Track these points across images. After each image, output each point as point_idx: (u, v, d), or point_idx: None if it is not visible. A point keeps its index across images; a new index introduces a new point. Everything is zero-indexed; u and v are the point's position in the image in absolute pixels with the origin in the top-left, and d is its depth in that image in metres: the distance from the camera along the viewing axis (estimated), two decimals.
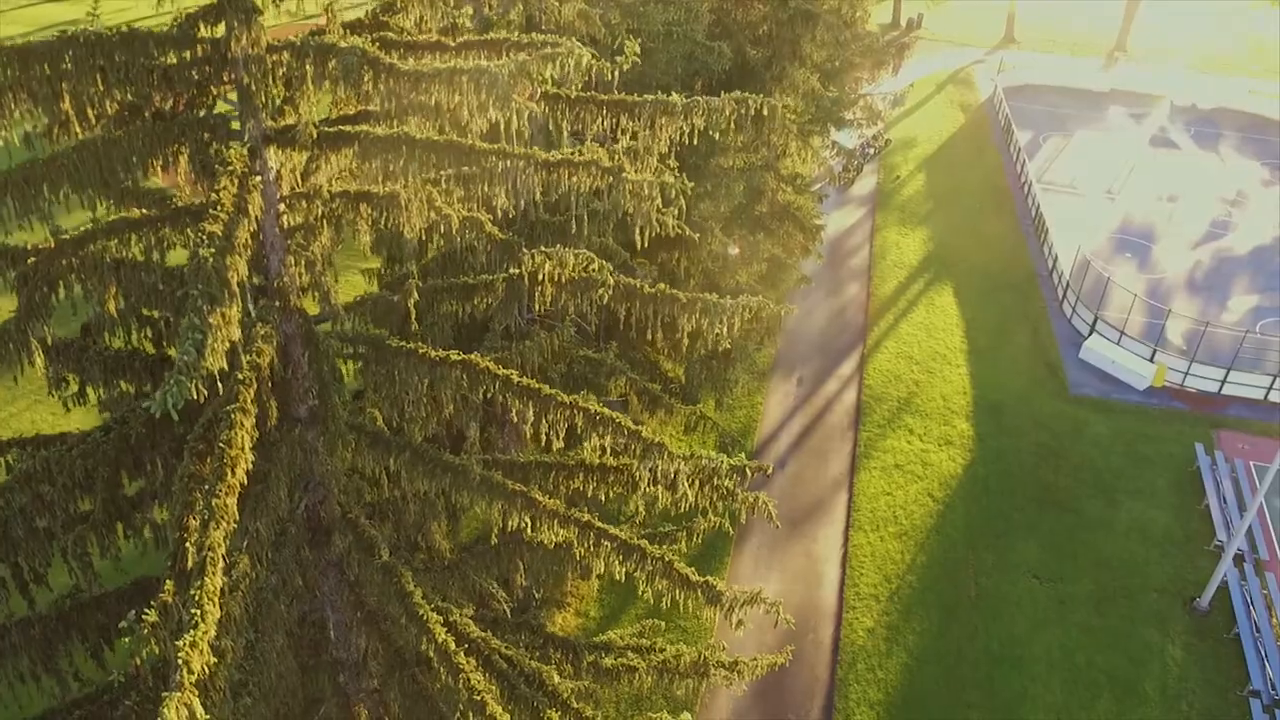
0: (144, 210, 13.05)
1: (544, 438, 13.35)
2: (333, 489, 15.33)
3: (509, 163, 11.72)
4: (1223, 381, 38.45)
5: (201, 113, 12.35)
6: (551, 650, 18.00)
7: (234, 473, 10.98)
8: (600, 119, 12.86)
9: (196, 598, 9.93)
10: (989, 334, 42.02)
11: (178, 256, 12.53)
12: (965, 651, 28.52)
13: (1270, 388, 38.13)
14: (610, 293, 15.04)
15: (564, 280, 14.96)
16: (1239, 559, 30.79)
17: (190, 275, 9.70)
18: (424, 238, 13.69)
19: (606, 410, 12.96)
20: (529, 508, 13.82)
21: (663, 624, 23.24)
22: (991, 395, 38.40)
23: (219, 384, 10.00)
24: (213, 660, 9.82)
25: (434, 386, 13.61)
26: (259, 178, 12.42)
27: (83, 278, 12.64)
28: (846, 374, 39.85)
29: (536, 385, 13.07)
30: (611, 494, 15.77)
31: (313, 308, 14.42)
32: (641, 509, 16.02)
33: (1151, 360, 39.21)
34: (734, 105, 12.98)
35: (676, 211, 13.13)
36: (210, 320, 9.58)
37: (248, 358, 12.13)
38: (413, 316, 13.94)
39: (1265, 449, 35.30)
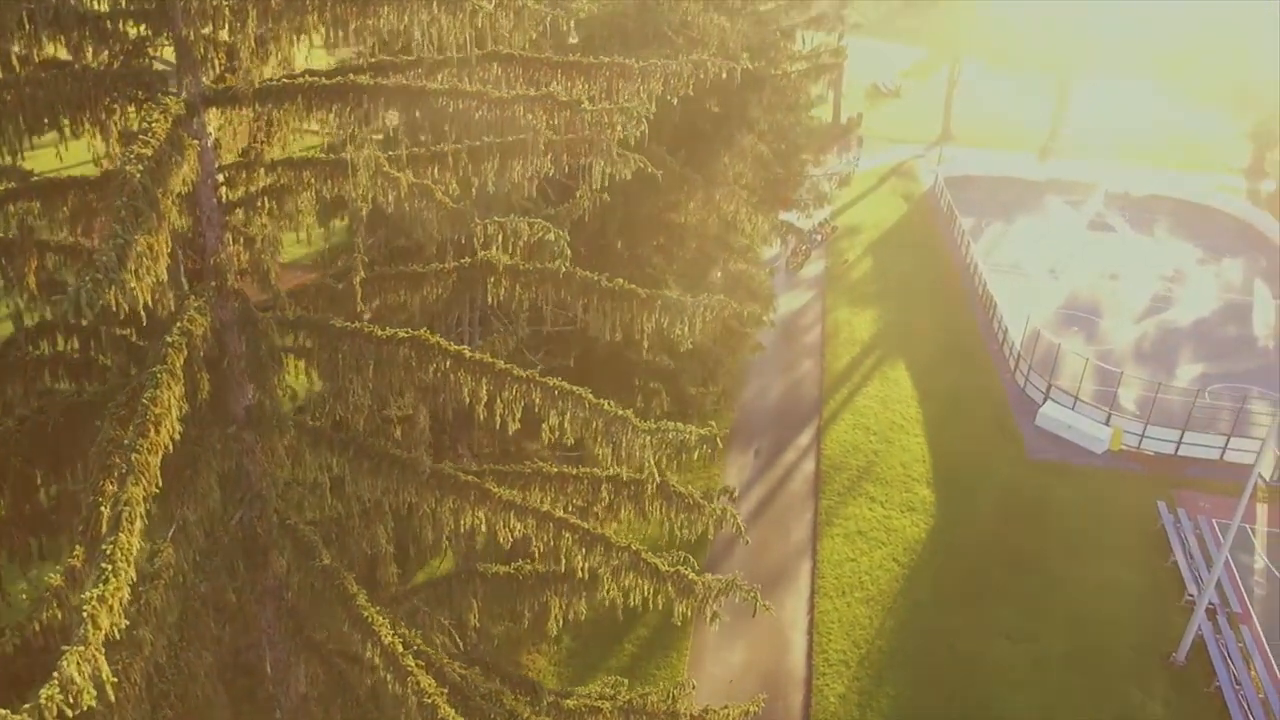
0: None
1: (499, 420, 12.42)
2: (271, 500, 14.20)
3: (461, 103, 11.12)
4: (1178, 443, 38.38)
5: (136, 65, 11.64)
6: (507, 689, 16.67)
7: (157, 431, 9.94)
8: (556, 82, 12.34)
9: (109, 552, 8.80)
10: (944, 404, 41.75)
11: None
12: (942, 716, 27.33)
13: (1225, 447, 38.09)
14: (569, 286, 14.37)
15: (520, 269, 14.23)
16: (1211, 612, 30.11)
17: (115, 189, 8.87)
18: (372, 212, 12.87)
19: (565, 384, 12.13)
20: (482, 501, 12.81)
21: (626, 681, 21.92)
22: (951, 462, 37.91)
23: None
24: (123, 623, 8.63)
25: (381, 370, 12.68)
26: (196, 141, 11.70)
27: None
28: (804, 444, 39.21)
29: (489, 359, 12.22)
30: (571, 505, 14.81)
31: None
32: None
33: (1107, 424, 39.09)
34: (692, 68, 12.57)
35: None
36: (134, 234, 8.71)
37: (179, 324, 11.20)
38: (358, 297, 13.07)
39: (1224, 506, 34.97)
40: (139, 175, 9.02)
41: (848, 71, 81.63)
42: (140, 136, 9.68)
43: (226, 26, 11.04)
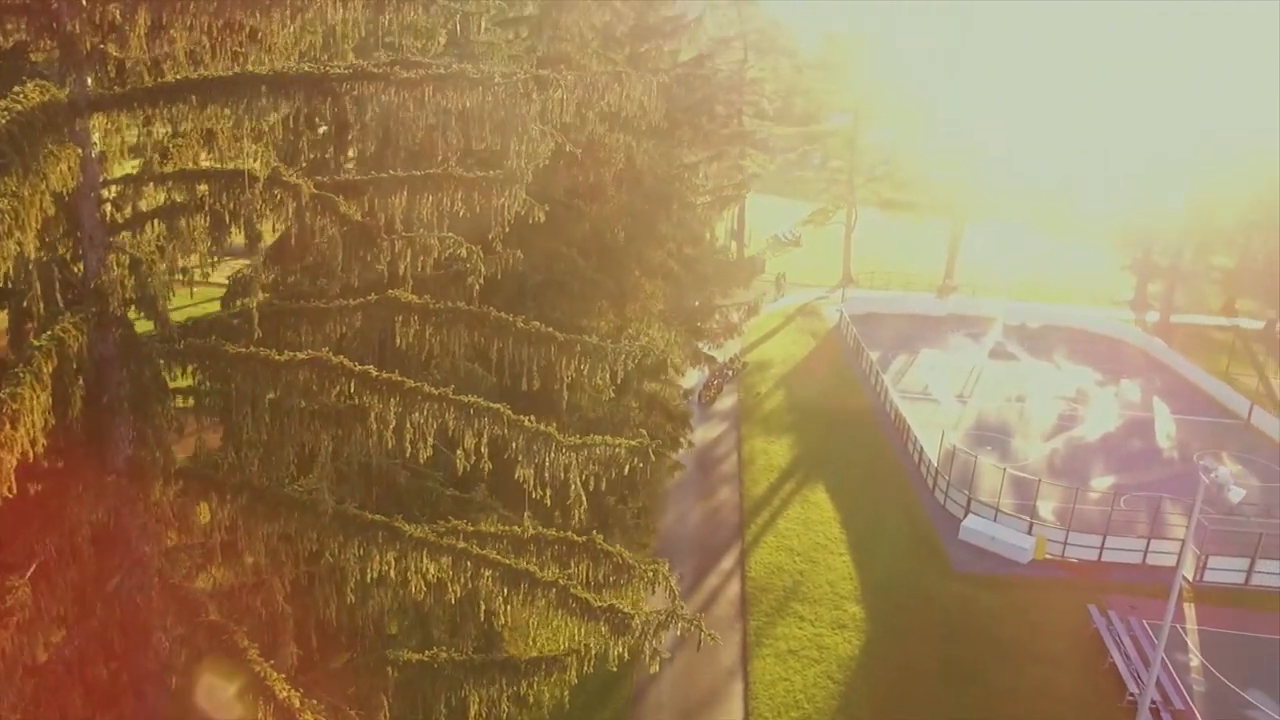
0: None
1: (410, 448, 11.36)
2: (154, 566, 12.71)
3: (367, 86, 10.50)
4: (1101, 549, 38.21)
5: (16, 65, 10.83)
6: None
7: (14, 426, 8.69)
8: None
9: None
10: (866, 524, 41.14)
11: None
12: None
13: (1146, 550, 38.01)
14: (483, 326, 13.56)
15: (430, 308, 13.39)
16: (1155, 711, 29.24)
17: None
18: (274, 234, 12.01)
19: (481, 401, 11.17)
20: (393, 541, 11.56)
21: None
22: (878, 579, 37.06)
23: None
24: None
25: (280, 396, 11.58)
26: (79, 150, 10.83)
27: None
28: (727, 568, 38.01)
29: (399, 378, 11.24)
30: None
31: None
32: None
33: (1030, 534, 38.82)
34: (608, 78, 12.22)
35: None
36: None
37: (50, 330, 10.06)
38: (254, 329, 12.02)
39: (1153, 608, 34.55)
40: (6, 121, 8.11)
41: (749, 224, 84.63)
42: (12, 94, 8.81)
43: (117, 13, 10.35)
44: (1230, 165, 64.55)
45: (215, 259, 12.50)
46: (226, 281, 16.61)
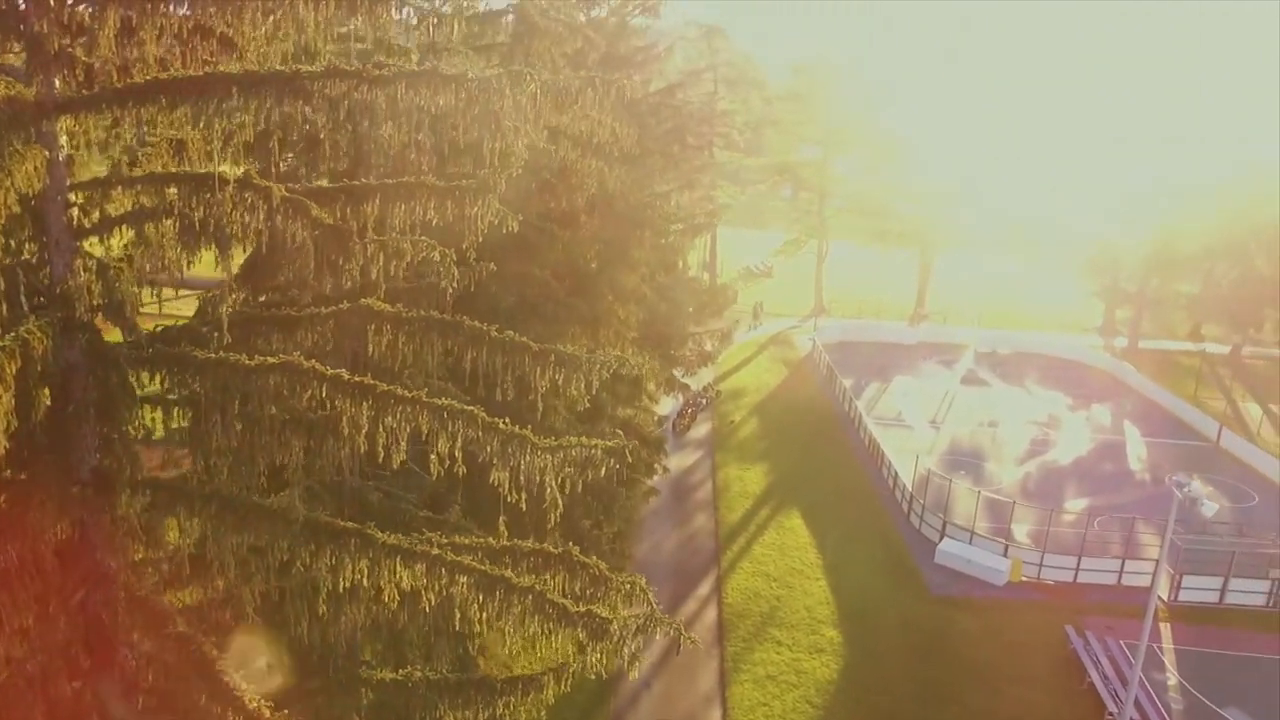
0: None
1: (383, 453, 11.20)
2: (120, 580, 12.43)
3: (340, 85, 10.42)
4: (1076, 570, 38.28)
5: None
6: None
7: None
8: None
9: None
10: (842, 549, 41.03)
11: None
12: None
13: (1121, 570, 38.12)
14: (457, 335, 13.44)
15: (403, 316, 13.26)
16: None
17: None
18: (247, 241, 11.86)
19: (455, 404, 11.04)
20: (365, 549, 11.36)
21: None
22: (855, 603, 36.90)
23: None
24: None
25: (249, 404, 11.40)
26: (46, 152, 10.71)
27: None
28: (704, 594, 37.76)
29: (370, 381, 11.09)
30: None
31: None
32: None
33: (1005, 556, 38.85)
34: (581, 82, 12.23)
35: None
36: None
37: (14, 332, 9.86)
38: (223, 337, 11.86)
39: (1129, 628, 34.55)
40: None
41: (720, 255, 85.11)
42: None
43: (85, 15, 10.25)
44: (1193, 195, 65.61)
45: (188, 266, 12.28)
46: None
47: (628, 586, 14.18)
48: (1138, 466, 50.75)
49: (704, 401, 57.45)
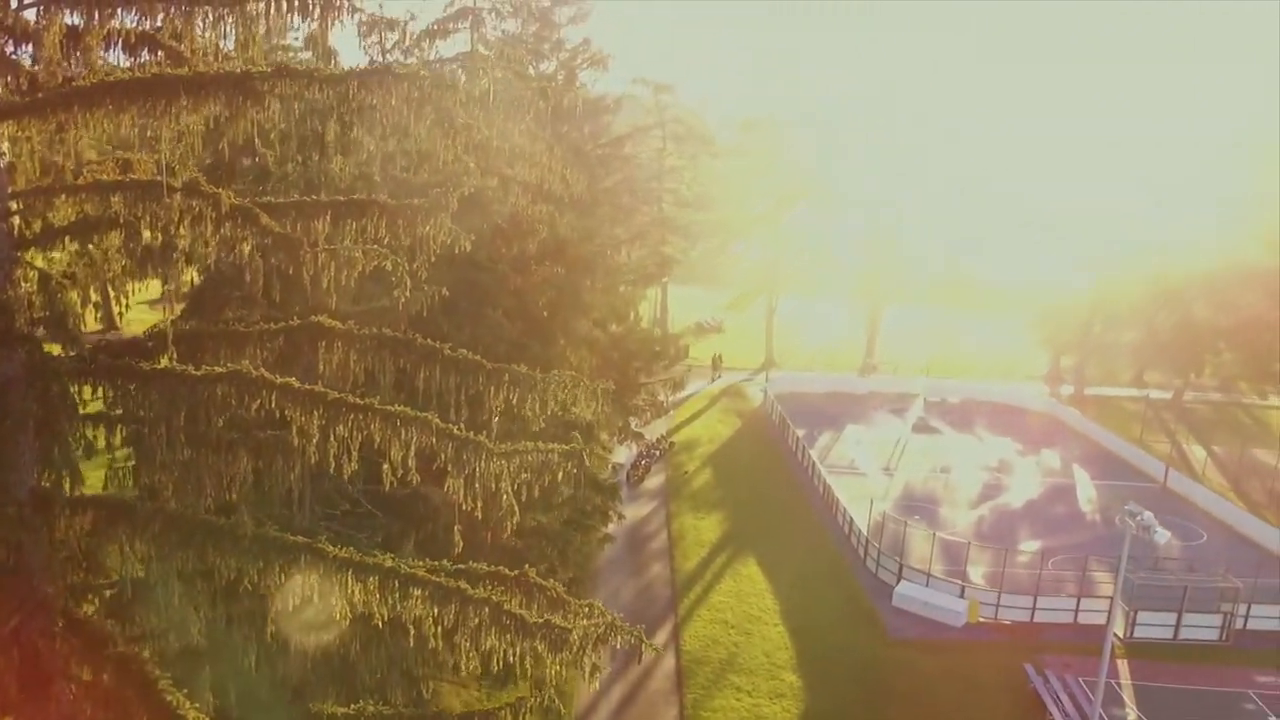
0: None
1: (334, 463, 10.91)
2: (57, 607, 11.93)
3: (290, 85, 10.30)
4: (1033, 609, 38.32)
5: None
6: None
7: None
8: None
9: None
10: (799, 595, 40.78)
11: None
12: None
13: (1077, 609, 38.24)
14: (409, 353, 13.24)
15: (355, 333, 13.04)
16: None
17: None
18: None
19: (407, 410, 10.81)
20: (316, 563, 11.01)
21: None
22: (814, 648, 36.60)
23: None
24: None
25: (196, 419, 11.08)
26: None
27: None
28: (661, 642, 37.14)
29: (320, 389, 10.84)
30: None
31: None
32: None
33: (962, 597, 38.81)
34: (534, 93, 12.21)
35: None
36: None
37: None
38: (170, 351, 11.56)
39: (1088, 665, 34.61)
40: None
41: (671, 311, 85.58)
42: None
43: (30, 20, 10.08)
44: (1132, 246, 67.19)
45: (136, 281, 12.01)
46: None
47: (586, 609, 13.87)
48: (1088, 508, 51.30)
49: (658, 452, 57.30)
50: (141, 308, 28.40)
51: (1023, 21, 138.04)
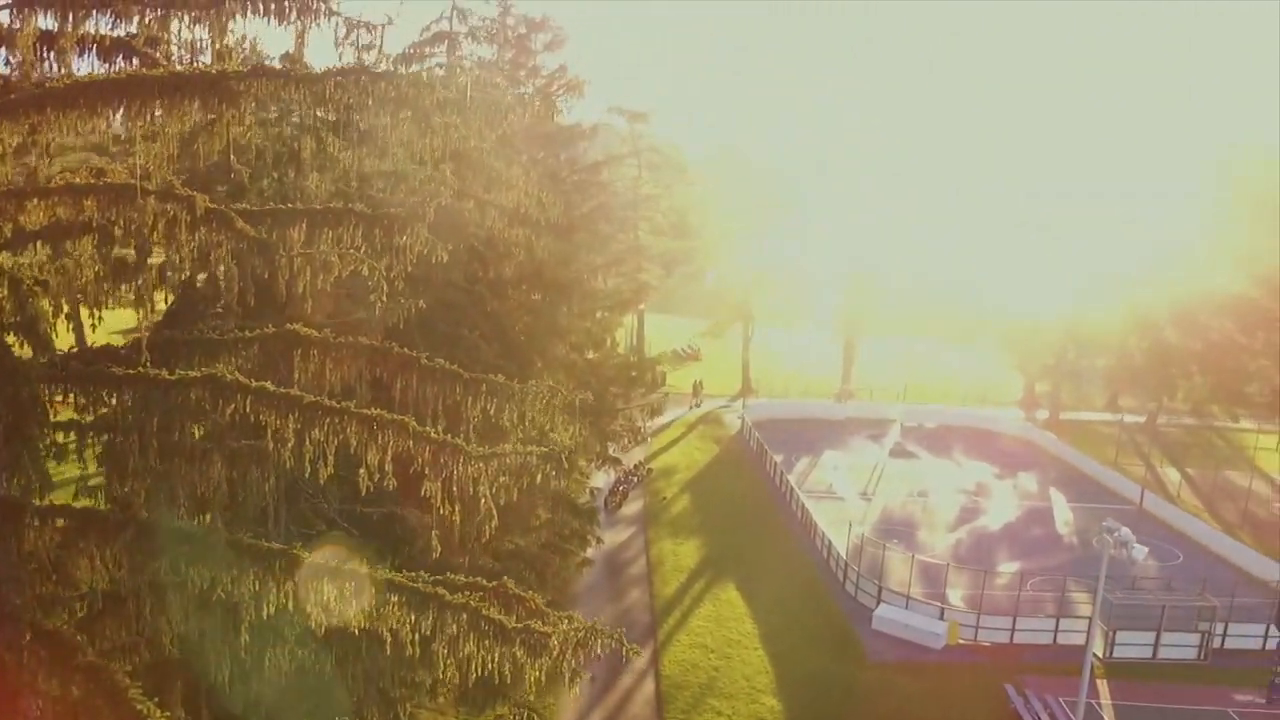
0: None
1: (309, 467, 10.77)
2: (24, 620, 11.67)
3: (267, 85, 10.24)
4: (1012, 631, 38.28)
5: None
6: None
7: None
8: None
9: None
10: (779, 619, 40.61)
11: None
12: None
13: (1056, 629, 38.23)
14: (386, 363, 13.13)
15: (330, 341, 12.93)
16: None
17: None
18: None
19: (384, 414, 10.69)
20: (291, 570, 10.84)
21: None
22: (794, 671, 36.41)
23: None
24: None
25: (171, 423, 10.92)
26: None
27: None
28: (641, 667, 36.90)
29: (296, 393, 10.72)
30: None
31: None
32: None
33: (942, 619, 38.74)
34: (513, 99, 12.21)
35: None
36: None
37: None
38: (144, 360, 11.40)
39: (1066, 685, 34.54)
40: None
41: (647, 339, 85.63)
42: None
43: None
44: (1104, 273, 67.81)
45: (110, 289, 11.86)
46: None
47: (565, 619, 13.73)
48: (1065, 530, 51.48)
49: (635, 479, 57.12)
50: (115, 337, 28.14)
51: (993, 48, 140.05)
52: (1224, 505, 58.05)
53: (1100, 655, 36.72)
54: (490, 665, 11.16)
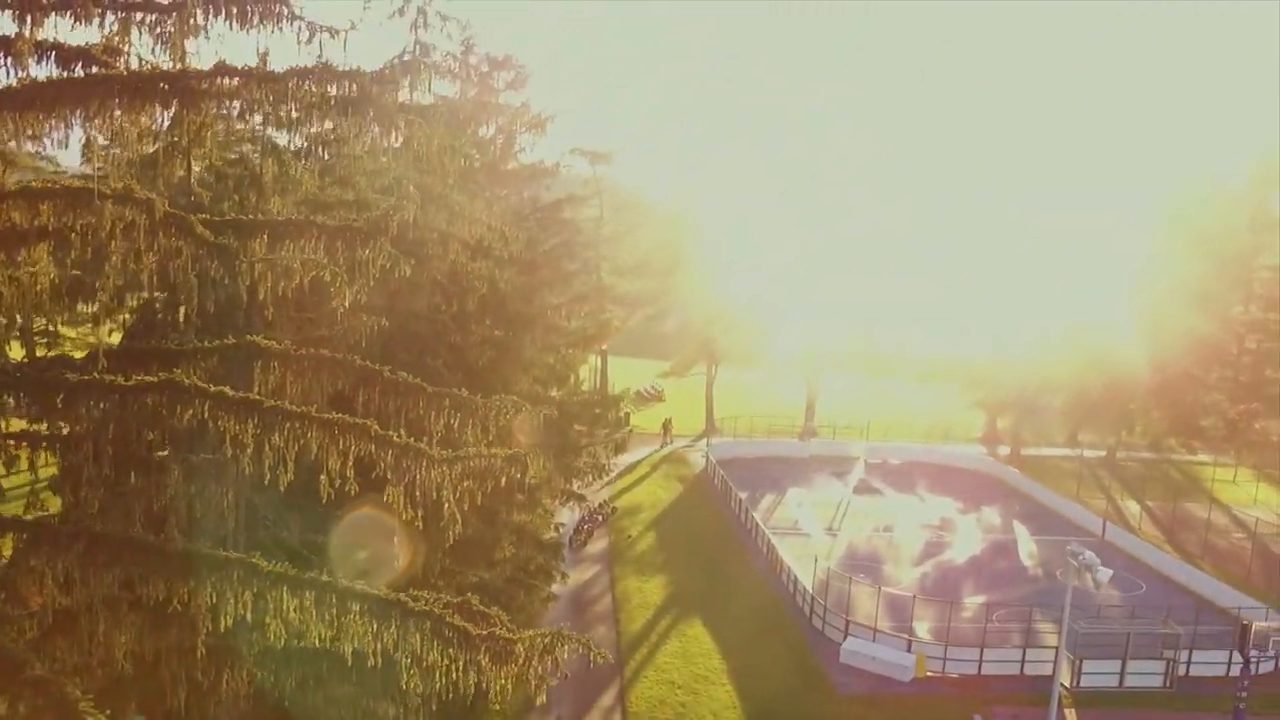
0: None
1: (268, 474, 10.59)
2: None
3: (229, 83, 10.18)
4: (980, 662, 38.25)
5: None
6: None
7: None
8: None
9: None
10: (745, 654, 40.30)
11: None
12: None
13: (1023, 660, 38.24)
14: (348, 375, 12.99)
15: (292, 354, 12.77)
16: None
17: None
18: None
19: (346, 417, 10.55)
20: (249, 579, 10.60)
21: None
22: (762, 706, 36.11)
23: None
24: None
25: (128, 431, 10.70)
26: None
27: None
28: (607, 705, 36.47)
29: (256, 397, 10.55)
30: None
31: None
32: None
33: (909, 651, 38.64)
34: (474, 106, 12.22)
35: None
36: None
37: None
38: (100, 358, 11.20)
39: (1034, 715, 34.51)
40: None
41: (611, 380, 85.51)
42: None
43: None
44: (1062, 311, 68.86)
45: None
46: None
47: (529, 641, 13.49)
48: (1030, 562, 51.72)
49: (600, 518, 56.76)
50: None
51: (961, 85, 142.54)
52: (1184, 535, 58.60)
53: (1067, 685, 36.71)
54: (455, 674, 10.92)
